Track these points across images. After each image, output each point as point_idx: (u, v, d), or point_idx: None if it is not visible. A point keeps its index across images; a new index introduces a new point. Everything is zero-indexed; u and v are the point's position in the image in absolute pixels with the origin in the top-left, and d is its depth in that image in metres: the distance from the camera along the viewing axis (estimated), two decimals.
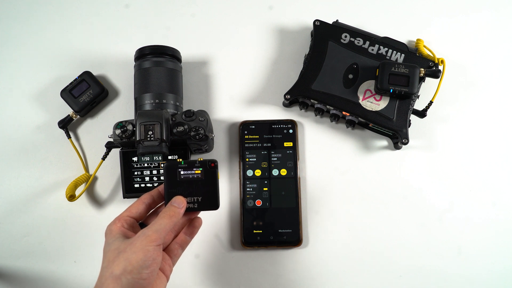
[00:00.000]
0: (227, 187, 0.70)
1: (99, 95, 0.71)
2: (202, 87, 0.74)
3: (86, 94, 0.70)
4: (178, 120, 0.63)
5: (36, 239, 0.69)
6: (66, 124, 0.71)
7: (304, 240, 0.68)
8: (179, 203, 0.54)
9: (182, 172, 0.56)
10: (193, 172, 0.56)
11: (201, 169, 0.56)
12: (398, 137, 0.67)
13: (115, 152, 0.69)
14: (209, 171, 0.56)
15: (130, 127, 0.62)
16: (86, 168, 0.71)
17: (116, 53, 0.75)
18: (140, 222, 0.56)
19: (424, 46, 0.72)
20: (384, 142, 0.72)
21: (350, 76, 0.69)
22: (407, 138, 0.67)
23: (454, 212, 0.69)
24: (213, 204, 0.56)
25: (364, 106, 0.68)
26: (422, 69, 0.67)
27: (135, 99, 0.67)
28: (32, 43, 0.75)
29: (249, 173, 0.69)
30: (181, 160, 0.56)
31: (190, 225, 0.58)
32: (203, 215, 0.57)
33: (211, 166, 0.56)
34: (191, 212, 0.57)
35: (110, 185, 0.70)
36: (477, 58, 0.74)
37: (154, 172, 0.66)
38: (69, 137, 0.71)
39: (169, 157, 0.66)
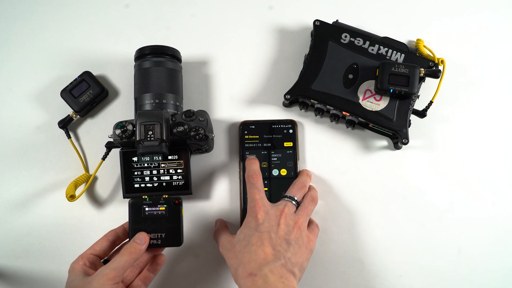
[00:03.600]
0: (227, 187, 0.70)
1: (99, 95, 0.71)
2: (202, 87, 0.74)
3: (86, 94, 0.70)
4: (178, 120, 0.63)
5: (36, 239, 0.69)
6: (66, 124, 0.71)
7: None
8: (141, 239, 0.55)
9: (146, 209, 0.58)
10: (157, 208, 0.58)
11: (165, 206, 0.58)
12: (398, 137, 0.67)
13: (115, 152, 0.69)
14: (173, 208, 0.58)
15: (130, 127, 0.62)
16: (86, 168, 0.71)
17: (116, 53, 0.75)
18: (105, 259, 0.57)
19: (424, 46, 0.72)
20: (384, 142, 0.72)
21: (350, 76, 0.69)
22: (407, 138, 0.67)
23: (454, 212, 0.69)
24: (176, 240, 0.58)
25: (364, 106, 0.68)
26: (422, 69, 0.67)
27: (135, 99, 0.67)
28: (32, 43, 0.75)
29: None
30: (146, 196, 0.58)
31: (153, 262, 0.58)
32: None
33: (175, 203, 0.59)
34: (155, 248, 0.58)
35: (110, 185, 0.70)
36: (477, 58, 0.74)
37: (154, 172, 0.66)
38: (69, 137, 0.71)
39: (169, 157, 0.66)
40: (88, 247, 0.59)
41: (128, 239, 0.58)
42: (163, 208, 0.58)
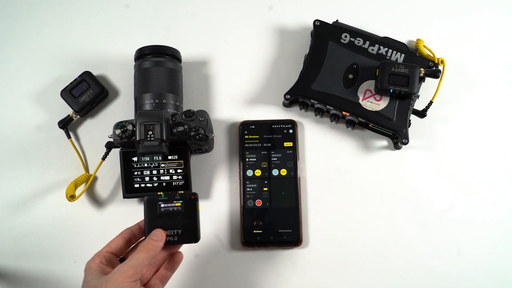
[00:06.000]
0: (227, 187, 0.70)
1: (99, 95, 0.71)
2: (202, 87, 0.74)
3: (86, 94, 0.70)
4: (178, 120, 0.63)
5: (36, 239, 0.69)
6: (66, 124, 0.71)
7: (304, 240, 0.68)
8: (158, 236, 0.54)
9: (162, 205, 0.56)
10: (173, 204, 0.57)
11: (181, 201, 0.57)
12: (398, 137, 0.67)
13: (115, 152, 0.69)
14: (189, 204, 0.57)
15: (130, 127, 0.62)
16: (86, 168, 0.71)
17: (116, 53, 0.75)
18: (121, 258, 0.56)
19: (424, 46, 0.72)
20: (384, 142, 0.72)
21: (350, 76, 0.69)
22: (407, 138, 0.67)
23: (454, 212, 0.69)
24: (193, 237, 0.57)
25: (364, 106, 0.68)
26: (422, 69, 0.67)
27: (135, 99, 0.67)
28: (32, 43, 0.75)
29: (249, 173, 0.69)
30: (161, 193, 0.57)
31: (171, 259, 0.57)
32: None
33: (191, 198, 0.57)
34: (172, 245, 0.56)
35: (110, 185, 0.70)
36: (477, 58, 0.74)
37: (154, 172, 0.66)
38: (69, 137, 0.71)
39: (169, 157, 0.66)
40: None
41: (144, 237, 0.57)
42: (179, 204, 0.57)
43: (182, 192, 0.57)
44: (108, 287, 0.48)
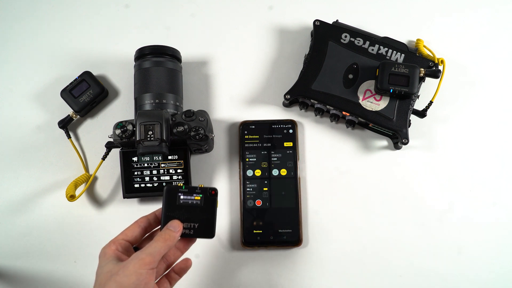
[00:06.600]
0: (227, 187, 0.70)
1: (99, 95, 0.71)
2: (202, 87, 0.74)
3: (86, 94, 0.70)
4: (178, 120, 0.63)
5: (36, 239, 0.69)
6: (66, 124, 0.71)
7: (304, 240, 0.68)
8: (175, 227, 0.53)
9: (182, 197, 0.55)
10: (192, 198, 0.55)
11: (201, 195, 0.56)
12: (398, 137, 0.67)
13: (115, 152, 0.69)
14: (209, 199, 0.56)
15: (130, 127, 0.62)
16: (86, 168, 0.71)
17: (116, 53, 0.75)
18: (135, 246, 0.55)
19: (424, 46, 0.72)
20: (384, 142, 0.72)
21: (350, 76, 0.69)
22: (407, 138, 0.67)
23: (454, 212, 0.69)
24: (209, 232, 0.56)
25: (364, 106, 0.68)
26: (422, 69, 0.67)
27: (135, 99, 0.67)
28: (32, 43, 0.75)
29: (249, 173, 0.69)
30: (182, 184, 0.56)
31: (180, 264, 0.57)
32: None
33: (212, 193, 0.56)
34: (186, 238, 0.56)
35: (110, 185, 0.70)
36: (477, 58, 0.74)
37: (154, 172, 0.66)
38: (69, 137, 0.71)
39: (169, 157, 0.66)
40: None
41: (159, 227, 0.56)
42: (199, 198, 0.55)
43: (203, 186, 0.56)
44: (125, 273, 0.48)
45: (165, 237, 0.52)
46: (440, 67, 0.70)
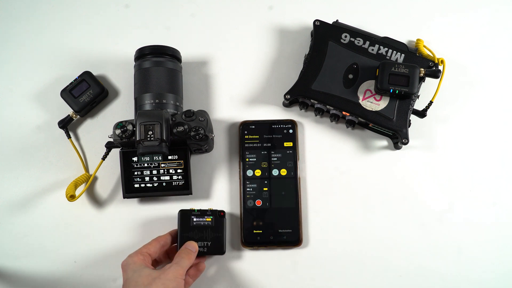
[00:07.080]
0: (227, 187, 0.70)
1: (99, 95, 0.71)
2: (202, 87, 0.74)
3: (86, 94, 0.70)
4: (178, 120, 0.63)
5: (36, 239, 0.69)
6: (66, 124, 0.71)
7: (304, 240, 0.68)
8: (193, 247, 0.62)
9: (194, 219, 0.64)
10: (204, 219, 0.64)
11: (211, 217, 0.64)
12: (398, 137, 0.67)
13: (115, 152, 0.69)
14: (219, 219, 0.65)
15: (130, 127, 0.62)
16: (86, 168, 0.71)
17: (116, 53, 0.75)
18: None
19: (424, 46, 0.72)
20: (384, 142, 0.72)
21: (350, 76, 0.69)
22: (407, 138, 0.67)
23: (454, 212, 0.69)
24: (220, 249, 0.64)
25: (364, 106, 0.68)
26: (422, 69, 0.67)
27: (135, 99, 0.67)
28: (32, 43, 0.75)
29: (249, 173, 0.69)
30: (194, 208, 0.65)
31: (195, 268, 0.63)
32: None
33: (221, 215, 0.65)
34: (199, 256, 0.63)
35: (110, 185, 0.70)
36: (477, 58, 0.74)
37: (154, 172, 0.66)
38: (69, 137, 0.71)
39: (169, 157, 0.66)
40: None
41: (174, 244, 0.64)
42: (210, 219, 0.64)
43: (212, 209, 0.65)
44: (167, 277, 0.56)
45: (188, 256, 0.60)
46: (440, 67, 0.70)
